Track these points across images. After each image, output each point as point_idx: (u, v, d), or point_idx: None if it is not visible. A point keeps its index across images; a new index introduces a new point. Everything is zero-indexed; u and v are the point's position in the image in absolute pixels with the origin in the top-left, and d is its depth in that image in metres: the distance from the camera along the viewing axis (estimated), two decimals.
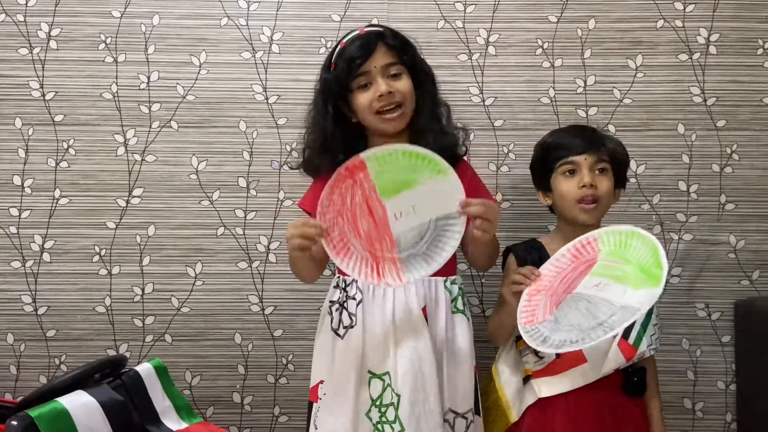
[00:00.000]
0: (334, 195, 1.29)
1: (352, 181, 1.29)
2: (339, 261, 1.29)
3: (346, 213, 1.30)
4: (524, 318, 1.32)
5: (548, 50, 1.77)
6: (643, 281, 1.25)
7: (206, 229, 1.76)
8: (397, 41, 1.41)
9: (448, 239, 1.29)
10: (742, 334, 1.72)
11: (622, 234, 1.33)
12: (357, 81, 1.38)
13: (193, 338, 1.76)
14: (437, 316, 1.39)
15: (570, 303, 1.30)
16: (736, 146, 1.76)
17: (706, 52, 1.77)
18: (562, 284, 1.33)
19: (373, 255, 1.30)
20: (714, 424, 1.75)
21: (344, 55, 1.39)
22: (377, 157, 1.29)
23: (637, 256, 1.29)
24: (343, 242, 1.30)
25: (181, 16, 1.77)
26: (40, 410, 1.23)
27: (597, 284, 1.30)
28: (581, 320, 1.26)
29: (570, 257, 1.36)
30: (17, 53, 1.76)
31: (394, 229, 1.29)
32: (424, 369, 1.33)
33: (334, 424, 1.36)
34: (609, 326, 1.22)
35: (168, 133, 1.76)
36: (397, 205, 1.29)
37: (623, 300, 1.25)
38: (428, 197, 1.29)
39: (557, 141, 1.48)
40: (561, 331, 1.26)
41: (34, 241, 1.75)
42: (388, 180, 1.29)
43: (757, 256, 1.76)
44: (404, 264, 1.30)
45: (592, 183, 1.42)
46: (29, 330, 1.74)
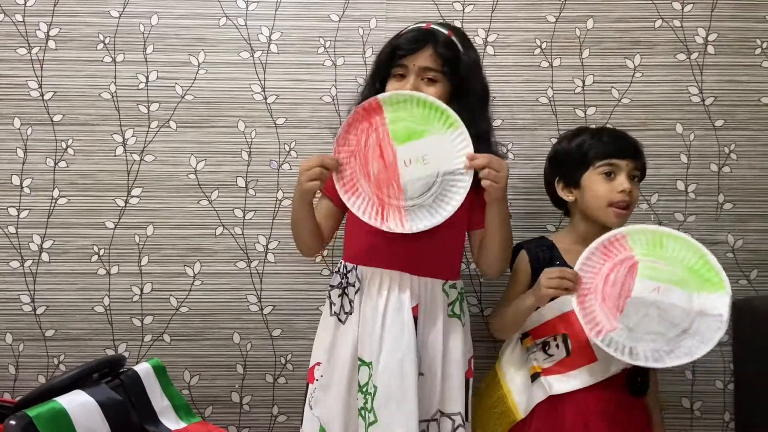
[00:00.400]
0: (349, 135, 1.34)
1: (368, 123, 1.34)
2: (346, 199, 1.34)
3: (359, 154, 1.34)
4: (591, 329, 1.32)
5: (546, 50, 1.77)
6: (700, 284, 1.30)
7: (205, 228, 1.76)
8: (447, 51, 1.41)
9: (453, 194, 1.32)
10: (740, 333, 1.72)
11: (654, 234, 1.34)
12: (395, 70, 1.43)
13: (191, 338, 1.76)
14: (431, 317, 1.40)
15: (636, 309, 1.31)
16: (734, 146, 1.76)
17: (705, 52, 1.77)
18: (610, 287, 1.34)
19: (380, 199, 1.34)
20: (712, 424, 1.76)
21: (395, 42, 1.44)
22: (393, 101, 1.33)
23: (678, 256, 1.32)
24: (353, 182, 1.35)
25: (179, 16, 1.77)
26: (39, 410, 1.23)
27: (656, 289, 1.31)
28: (659, 327, 1.30)
29: (600, 256, 1.36)
30: (16, 53, 1.76)
31: (402, 176, 1.33)
32: (404, 366, 1.34)
33: (328, 404, 1.39)
34: (695, 333, 1.27)
35: (166, 132, 1.76)
36: (408, 152, 1.33)
37: (693, 305, 1.29)
38: (438, 149, 1.32)
39: (599, 139, 1.47)
40: (643, 340, 1.30)
41: (32, 241, 1.75)
42: (402, 126, 1.33)
43: (755, 255, 1.76)
44: (408, 212, 1.33)
45: (630, 189, 1.43)
46: (28, 330, 1.74)
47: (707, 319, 1.28)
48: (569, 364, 1.41)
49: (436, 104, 1.33)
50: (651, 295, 1.31)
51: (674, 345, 1.29)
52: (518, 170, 1.75)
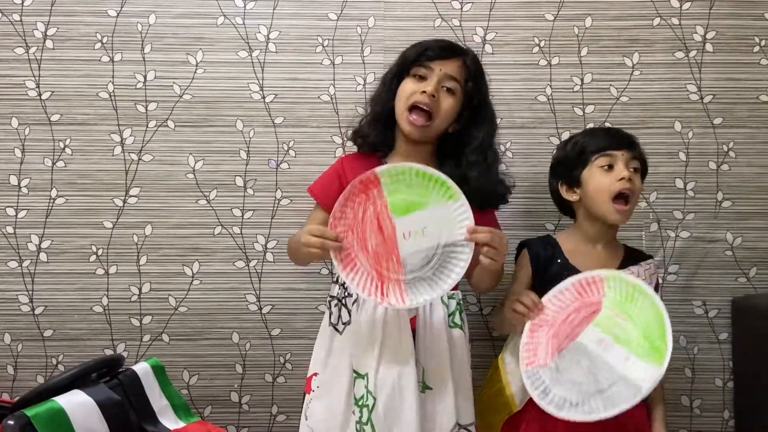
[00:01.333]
0: (346, 208, 1.30)
1: (365, 196, 1.30)
2: (344, 275, 1.29)
3: (357, 228, 1.30)
4: (526, 357, 1.34)
5: (545, 48, 1.77)
6: (646, 353, 1.27)
7: (203, 228, 1.76)
8: (474, 67, 1.43)
9: (454, 266, 1.29)
10: (739, 331, 1.73)
11: (630, 286, 1.33)
12: (416, 69, 1.41)
13: (190, 337, 1.75)
14: (432, 330, 1.38)
15: (572, 353, 1.32)
16: (733, 144, 1.76)
17: (703, 50, 1.77)
18: (565, 325, 1.34)
19: (379, 273, 1.30)
20: (712, 422, 1.76)
21: (423, 44, 1.43)
22: (391, 173, 1.30)
23: (642, 317, 1.30)
24: (350, 257, 1.30)
25: (177, 15, 1.77)
26: (37, 410, 1.23)
27: (601, 341, 1.31)
28: (582, 379, 1.29)
29: (574, 293, 1.36)
30: (13, 53, 1.76)
31: (401, 250, 1.29)
32: (403, 380, 1.33)
33: (323, 416, 1.37)
34: (609, 398, 1.25)
35: (165, 132, 1.76)
36: (407, 224, 1.29)
37: (625, 369, 1.27)
38: (437, 221, 1.29)
39: (595, 134, 1.49)
40: (561, 385, 1.30)
41: (30, 241, 1.74)
42: (400, 198, 1.30)
43: (754, 253, 1.76)
44: (408, 286, 1.29)
45: (630, 177, 1.43)
46: (26, 330, 1.74)
47: (625, 387, 1.25)
48: None
49: (436, 175, 1.29)
50: (593, 346, 1.31)
51: (583, 399, 1.27)
52: (517, 169, 1.75)
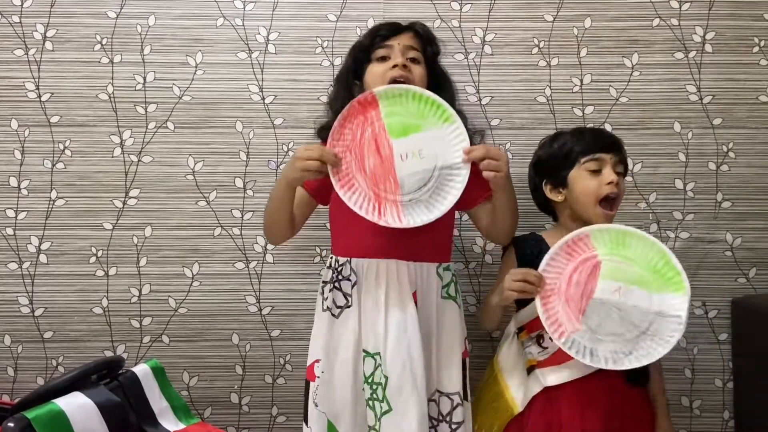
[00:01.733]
0: (345, 129, 1.33)
1: (363, 117, 1.33)
2: (342, 193, 1.32)
3: (355, 148, 1.33)
4: (554, 330, 1.34)
5: (544, 49, 1.77)
6: (662, 285, 1.31)
7: (203, 229, 1.76)
8: (425, 33, 1.49)
9: (450, 188, 1.32)
10: (739, 331, 1.73)
11: (617, 233, 1.35)
12: (377, 52, 1.45)
13: (190, 339, 1.75)
14: (427, 301, 1.41)
15: (597, 310, 1.33)
16: (733, 144, 1.76)
17: (702, 51, 1.77)
18: (573, 287, 1.35)
19: (376, 194, 1.33)
20: (711, 422, 1.76)
21: (373, 29, 1.49)
22: (389, 95, 1.33)
23: (641, 256, 1.33)
24: (349, 176, 1.33)
25: (176, 16, 1.77)
26: (37, 412, 1.23)
27: (617, 289, 1.33)
28: (620, 329, 1.31)
29: (564, 256, 1.37)
30: (13, 54, 1.76)
31: (399, 171, 1.32)
32: (412, 352, 1.35)
33: (333, 399, 1.39)
34: (654, 334, 1.29)
35: (164, 133, 1.76)
36: (405, 146, 1.32)
37: (653, 306, 1.31)
38: (434, 143, 1.32)
39: (581, 137, 1.49)
40: (604, 341, 1.32)
41: (30, 243, 1.74)
42: (398, 120, 1.33)
43: (754, 253, 1.76)
44: (405, 207, 1.33)
45: (617, 180, 1.44)
46: (26, 331, 1.74)
47: (666, 320, 1.30)
48: (563, 355, 1.41)
49: (432, 98, 1.33)
50: (613, 296, 1.33)
51: (633, 346, 1.31)
52: (516, 169, 1.74)
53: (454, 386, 1.41)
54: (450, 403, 1.40)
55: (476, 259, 1.77)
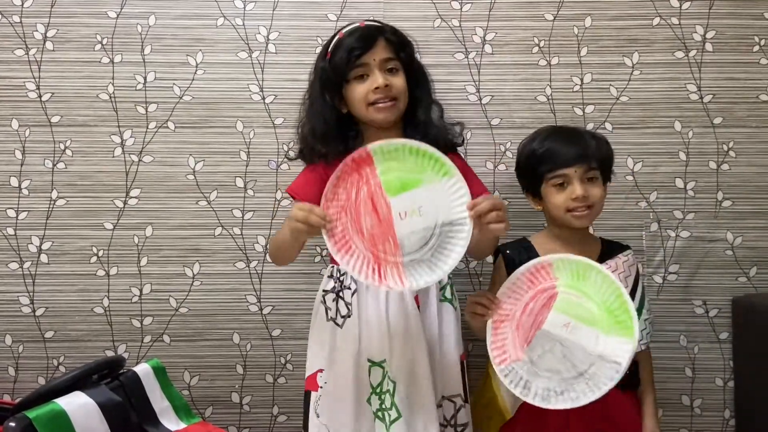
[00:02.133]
0: (339, 189, 1.25)
1: (357, 175, 1.26)
2: (340, 258, 1.25)
3: (350, 209, 1.25)
4: (497, 356, 1.32)
5: (545, 48, 1.77)
6: (612, 327, 1.27)
7: (204, 229, 1.76)
8: (396, 38, 1.44)
9: (453, 246, 1.25)
10: (740, 330, 1.73)
11: (579, 265, 1.32)
12: (354, 72, 1.40)
13: (191, 338, 1.75)
14: (428, 304, 1.41)
15: (542, 342, 1.31)
16: (733, 143, 1.76)
17: (703, 50, 1.77)
18: (526, 315, 1.33)
19: (375, 256, 1.25)
20: (712, 421, 1.76)
21: (343, 45, 1.41)
22: (384, 151, 1.26)
23: (598, 292, 1.30)
24: (345, 239, 1.25)
25: (177, 16, 1.77)
26: (38, 411, 1.23)
27: (566, 324, 1.30)
28: (559, 366, 1.28)
29: (526, 282, 1.35)
30: (13, 54, 1.76)
31: (398, 230, 1.25)
32: (417, 356, 1.35)
33: (336, 411, 1.38)
34: (590, 378, 1.26)
35: (165, 133, 1.76)
36: (402, 204, 1.25)
37: (597, 348, 1.27)
38: (434, 199, 1.26)
39: (545, 151, 1.45)
40: (540, 376, 1.29)
41: (31, 243, 1.75)
42: (394, 177, 1.26)
43: (755, 252, 1.76)
44: (407, 269, 1.26)
45: (584, 194, 1.41)
46: (27, 331, 1.74)
47: (605, 366, 1.26)
48: None
49: (430, 152, 1.26)
50: (560, 331, 1.30)
51: (566, 386, 1.27)
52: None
53: (456, 389, 1.41)
54: (453, 405, 1.41)
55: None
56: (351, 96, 1.42)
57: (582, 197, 1.41)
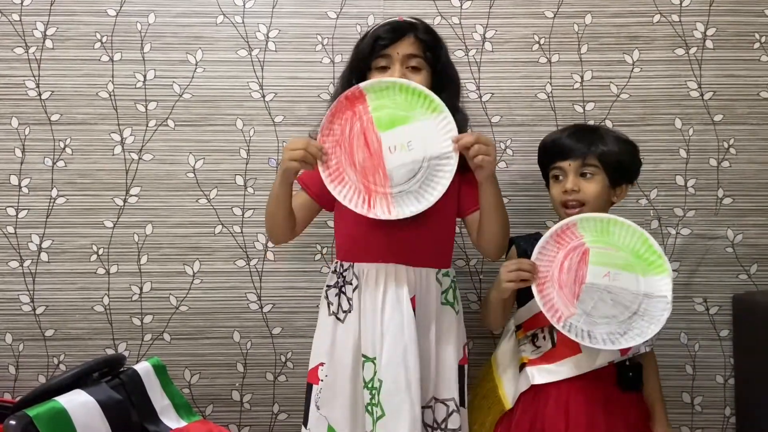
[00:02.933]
0: (333, 124, 1.34)
1: (351, 112, 1.34)
2: (332, 188, 1.33)
3: (344, 143, 1.33)
4: (551, 315, 1.36)
5: (545, 46, 1.77)
6: (645, 268, 1.36)
7: (204, 227, 1.76)
8: (427, 37, 1.45)
9: (440, 179, 1.32)
10: (741, 328, 1.73)
11: (601, 221, 1.38)
12: (377, 62, 1.43)
13: (191, 337, 1.76)
14: (426, 306, 1.41)
15: (591, 294, 1.36)
16: (734, 140, 1.76)
17: (703, 47, 1.77)
18: (565, 273, 1.37)
19: (366, 187, 1.33)
20: (713, 418, 1.76)
21: (372, 34, 1.44)
22: (375, 89, 1.33)
23: (625, 242, 1.37)
24: (339, 171, 1.33)
25: (176, 14, 1.77)
26: (39, 410, 1.23)
27: (606, 274, 1.36)
28: (614, 311, 1.35)
29: (554, 245, 1.39)
30: (13, 52, 1.76)
31: (387, 163, 1.33)
32: (407, 357, 1.35)
33: (335, 403, 1.40)
34: (644, 314, 1.34)
35: (165, 131, 1.76)
36: (393, 138, 1.33)
37: (641, 288, 1.35)
38: (422, 134, 1.33)
39: (552, 143, 1.51)
40: (599, 324, 1.35)
41: (31, 241, 1.75)
42: (385, 114, 1.33)
43: (755, 250, 1.76)
44: (395, 199, 1.33)
45: (575, 188, 1.44)
46: (28, 330, 1.74)
47: (654, 301, 1.34)
48: (554, 355, 1.43)
49: (419, 89, 1.33)
50: (603, 281, 1.36)
51: (626, 327, 1.34)
52: (517, 166, 1.75)
53: (450, 392, 1.41)
54: (445, 409, 1.40)
55: (477, 256, 1.77)
56: None
57: (571, 190, 1.44)
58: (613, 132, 1.53)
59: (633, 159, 1.52)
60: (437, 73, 1.45)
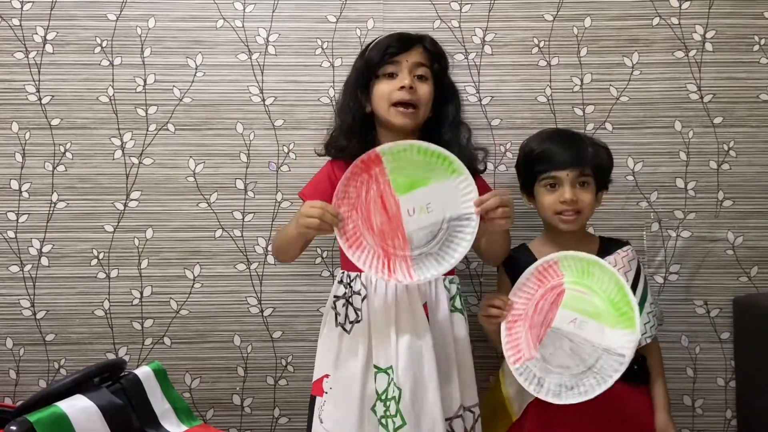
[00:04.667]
0: (349, 188, 1.32)
1: (367, 175, 1.32)
2: (351, 254, 1.31)
3: (361, 207, 1.32)
4: (511, 355, 1.35)
5: (544, 49, 1.77)
6: (617, 319, 1.31)
7: (204, 231, 1.76)
8: (434, 48, 1.48)
9: (460, 240, 1.31)
10: (741, 330, 1.72)
11: (582, 261, 1.36)
12: (384, 68, 1.44)
13: (192, 341, 1.75)
14: (439, 313, 1.41)
15: (553, 340, 1.34)
16: (733, 143, 1.76)
17: (702, 49, 1.77)
18: (537, 314, 1.36)
19: (385, 251, 1.32)
20: (714, 421, 1.75)
21: (381, 43, 1.46)
22: (393, 152, 1.31)
23: (602, 287, 1.33)
24: (356, 236, 1.32)
25: (176, 18, 1.77)
26: (39, 415, 1.22)
27: (573, 320, 1.33)
28: (569, 362, 1.32)
29: (535, 281, 1.38)
30: (13, 57, 1.76)
31: (406, 226, 1.31)
32: (424, 365, 1.35)
33: (340, 417, 1.38)
34: (597, 371, 1.29)
35: (165, 135, 1.76)
36: (411, 201, 1.31)
37: (603, 341, 1.31)
38: (441, 196, 1.31)
39: (542, 151, 1.48)
40: (552, 372, 1.32)
41: (32, 246, 1.75)
42: (403, 176, 1.32)
43: (756, 252, 1.76)
44: (415, 262, 1.32)
45: (573, 198, 1.43)
46: (28, 334, 1.74)
47: (610, 358, 1.29)
48: None
49: (438, 151, 1.31)
50: (568, 327, 1.33)
51: (576, 381, 1.30)
52: None
53: (473, 398, 1.42)
54: (472, 416, 1.41)
55: (477, 259, 1.76)
56: (376, 92, 1.44)
57: (570, 201, 1.43)
58: (590, 138, 1.54)
59: (612, 165, 1.53)
60: (442, 87, 1.47)
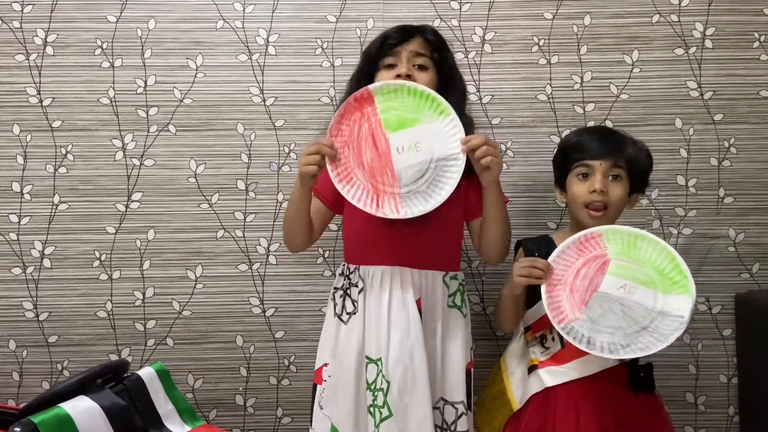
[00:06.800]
0: (342, 125, 1.35)
1: (360, 113, 1.35)
2: (341, 187, 1.34)
3: (353, 143, 1.35)
4: (555, 315, 1.36)
5: (544, 47, 1.77)
6: (668, 287, 1.33)
7: (206, 232, 1.76)
8: (434, 38, 1.49)
9: (447, 179, 1.33)
10: (743, 327, 1.73)
11: (630, 235, 1.37)
12: (384, 60, 1.45)
13: (194, 341, 1.76)
14: (432, 308, 1.42)
15: (600, 303, 1.35)
16: (734, 140, 1.76)
17: (702, 46, 1.77)
18: (580, 280, 1.37)
19: (374, 187, 1.34)
20: (716, 418, 1.76)
21: (383, 35, 1.48)
22: (384, 91, 1.35)
23: (650, 259, 1.35)
24: (347, 171, 1.35)
25: (176, 19, 1.77)
26: (43, 416, 1.23)
27: (623, 286, 1.35)
28: (621, 323, 1.33)
29: (575, 250, 1.38)
30: (14, 60, 1.76)
31: (396, 164, 1.34)
32: (414, 358, 1.36)
33: (337, 404, 1.41)
34: (654, 330, 1.31)
35: (166, 136, 1.76)
36: (401, 139, 1.34)
37: (657, 305, 1.33)
38: (430, 136, 1.34)
39: (578, 141, 1.49)
40: (602, 333, 1.33)
41: (34, 248, 1.75)
42: (394, 115, 1.35)
43: (757, 249, 1.76)
44: (403, 199, 1.34)
45: (603, 189, 1.42)
46: (31, 336, 1.75)
47: (667, 319, 1.31)
48: (564, 356, 1.43)
49: (427, 92, 1.34)
50: (617, 292, 1.35)
51: (631, 340, 1.32)
52: (518, 168, 1.75)
53: (459, 395, 1.41)
54: (454, 412, 1.41)
55: (480, 257, 1.77)
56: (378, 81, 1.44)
57: (600, 191, 1.42)
58: (633, 139, 1.51)
59: (650, 170, 1.53)
60: (443, 76, 1.47)
